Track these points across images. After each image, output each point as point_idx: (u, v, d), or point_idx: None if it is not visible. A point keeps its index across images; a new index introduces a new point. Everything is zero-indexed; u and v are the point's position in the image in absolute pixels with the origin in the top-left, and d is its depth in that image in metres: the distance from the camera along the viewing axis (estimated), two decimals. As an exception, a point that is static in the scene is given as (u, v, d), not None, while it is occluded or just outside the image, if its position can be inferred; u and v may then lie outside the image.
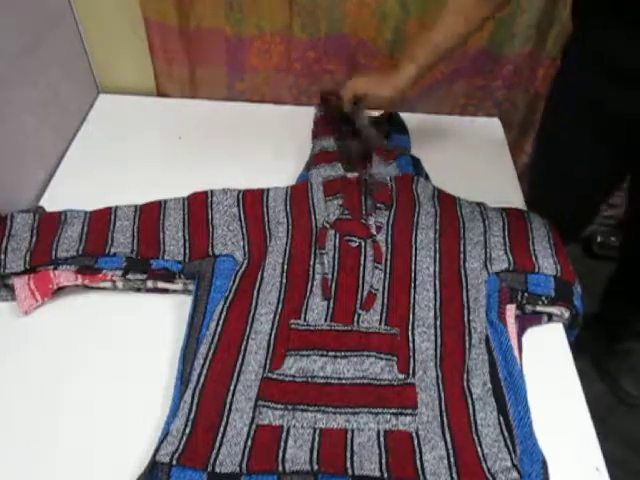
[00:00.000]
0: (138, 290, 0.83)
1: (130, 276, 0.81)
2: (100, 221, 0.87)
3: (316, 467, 0.62)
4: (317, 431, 0.65)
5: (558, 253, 0.85)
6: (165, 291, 0.83)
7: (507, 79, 1.17)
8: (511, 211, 0.91)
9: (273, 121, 1.16)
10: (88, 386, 0.73)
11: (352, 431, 0.65)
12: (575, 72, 0.88)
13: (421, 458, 0.63)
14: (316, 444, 0.64)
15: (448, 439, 0.65)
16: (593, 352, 1.39)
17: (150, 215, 0.88)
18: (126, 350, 0.77)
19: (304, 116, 1.15)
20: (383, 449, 0.64)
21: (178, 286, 0.82)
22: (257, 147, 1.08)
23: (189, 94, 1.21)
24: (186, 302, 0.81)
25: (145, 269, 0.82)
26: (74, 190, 0.98)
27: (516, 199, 1.01)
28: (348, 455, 0.63)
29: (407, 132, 1.04)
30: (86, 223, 0.86)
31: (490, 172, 1.06)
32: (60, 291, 0.81)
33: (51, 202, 0.96)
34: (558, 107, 0.95)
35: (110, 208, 0.89)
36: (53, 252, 0.81)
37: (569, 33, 0.89)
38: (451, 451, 0.64)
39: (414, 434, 0.65)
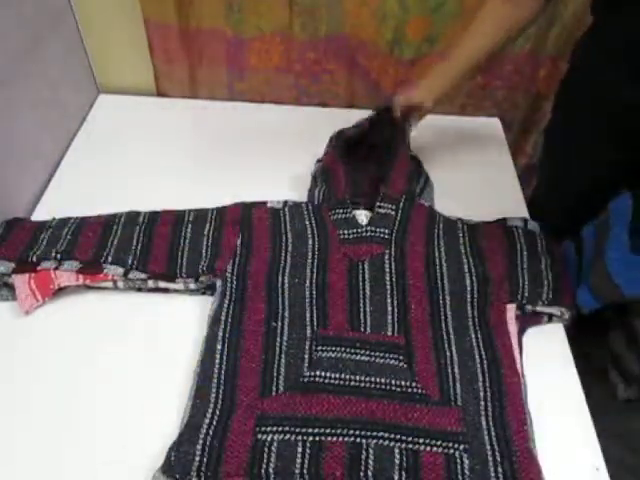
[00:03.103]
0: (139, 290, 0.83)
1: (131, 276, 0.81)
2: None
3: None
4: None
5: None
6: (166, 290, 0.83)
7: (507, 79, 1.17)
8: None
9: (273, 121, 1.16)
10: (90, 386, 0.73)
11: None
12: (590, 70, 0.86)
13: None
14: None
15: None
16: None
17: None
18: (128, 350, 0.77)
19: (304, 116, 1.15)
20: None
21: (179, 285, 0.82)
22: (257, 147, 1.08)
23: (189, 94, 1.21)
24: (187, 301, 0.82)
25: (146, 269, 0.82)
26: (74, 190, 0.98)
27: (516, 199, 1.01)
28: None
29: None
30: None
31: (490, 172, 1.06)
32: (61, 291, 0.81)
33: (51, 202, 0.96)
34: (570, 106, 0.94)
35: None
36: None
37: (584, 28, 0.87)
38: None
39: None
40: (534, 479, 0.63)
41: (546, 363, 0.77)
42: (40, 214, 0.93)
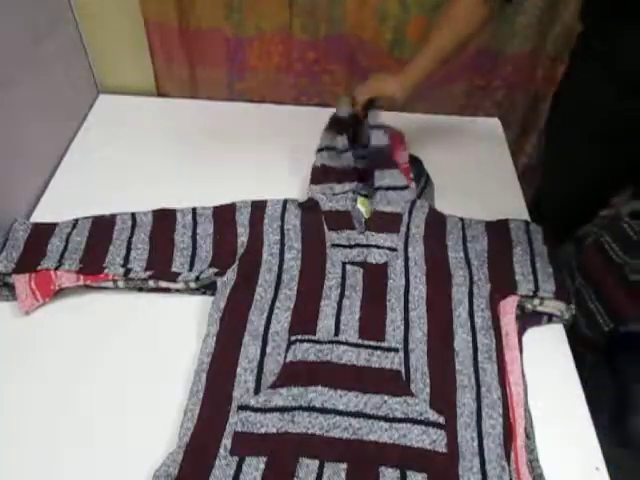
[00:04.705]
0: (140, 290, 0.83)
1: (132, 275, 0.81)
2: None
3: None
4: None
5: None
6: (167, 290, 0.83)
7: (507, 79, 1.17)
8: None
9: (273, 121, 1.16)
10: (90, 386, 0.73)
11: None
12: (582, 75, 0.87)
13: None
14: None
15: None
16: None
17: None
18: (128, 349, 0.77)
19: (304, 116, 1.15)
20: None
21: (180, 285, 0.82)
22: (257, 147, 1.08)
23: (189, 94, 1.22)
24: (188, 300, 0.82)
25: (146, 268, 0.82)
26: (74, 190, 0.98)
27: (516, 199, 1.01)
28: None
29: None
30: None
31: (490, 172, 1.06)
32: (61, 291, 0.81)
33: (51, 202, 0.96)
34: (564, 108, 0.95)
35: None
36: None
37: (576, 33, 0.88)
38: None
39: None
40: None
41: (546, 363, 0.77)
42: (40, 214, 0.93)
